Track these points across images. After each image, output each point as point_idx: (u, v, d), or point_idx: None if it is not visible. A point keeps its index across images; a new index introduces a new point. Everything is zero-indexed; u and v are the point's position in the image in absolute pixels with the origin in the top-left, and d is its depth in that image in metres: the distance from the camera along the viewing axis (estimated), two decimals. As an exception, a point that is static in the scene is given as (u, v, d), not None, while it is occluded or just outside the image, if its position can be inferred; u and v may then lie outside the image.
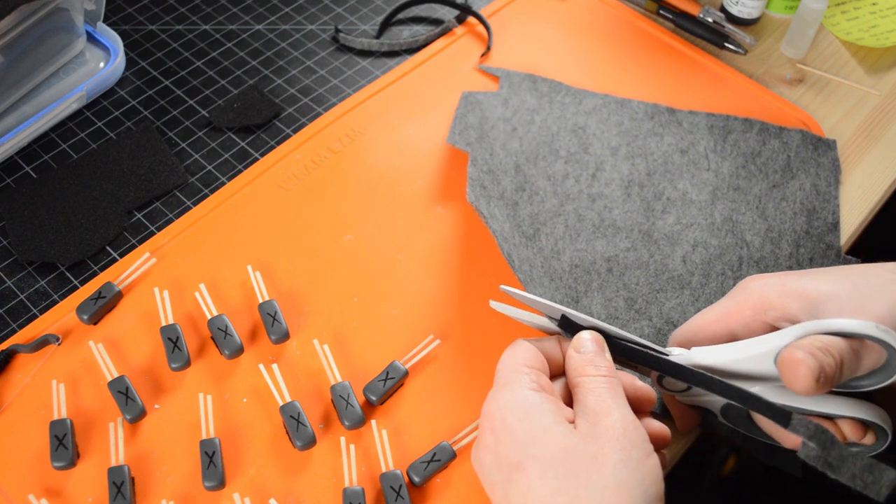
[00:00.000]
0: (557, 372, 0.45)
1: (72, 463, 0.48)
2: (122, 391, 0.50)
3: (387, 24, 0.75)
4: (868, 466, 0.40)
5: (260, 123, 0.67)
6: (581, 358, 0.43)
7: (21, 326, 0.55)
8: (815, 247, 0.59)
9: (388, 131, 0.66)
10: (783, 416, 0.41)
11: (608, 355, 0.44)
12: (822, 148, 0.65)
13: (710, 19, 0.73)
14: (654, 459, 0.40)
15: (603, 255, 0.58)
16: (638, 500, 0.38)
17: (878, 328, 0.40)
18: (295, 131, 0.66)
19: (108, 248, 0.59)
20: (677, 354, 0.46)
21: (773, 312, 0.44)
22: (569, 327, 0.45)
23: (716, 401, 0.47)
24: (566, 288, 0.56)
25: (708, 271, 0.58)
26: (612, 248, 0.59)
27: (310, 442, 0.49)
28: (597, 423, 0.40)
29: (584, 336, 0.44)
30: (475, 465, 0.43)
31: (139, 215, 0.61)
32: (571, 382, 0.43)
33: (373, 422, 0.51)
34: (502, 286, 0.45)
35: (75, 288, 0.57)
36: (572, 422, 0.41)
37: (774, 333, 0.43)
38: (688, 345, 0.47)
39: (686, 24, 0.74)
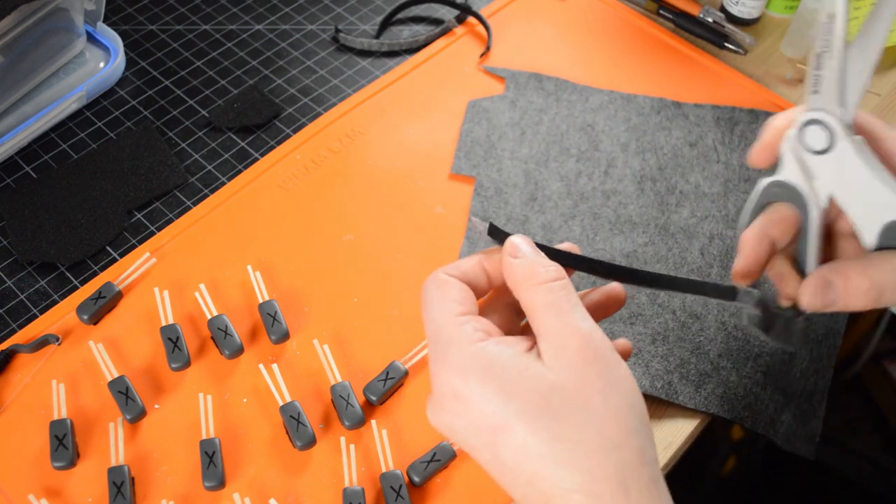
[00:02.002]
0: (482, 294, 0.41)
1: (72, 463, 0.48)
2: (122, 391, 0.50)
3: (387, 24, 0.75)
4: (786, 322, 0.45)
5: (260, 123, 0.67)
6: (524, 263, 0.39)
7: (21, 326, 0.55)
8: None
9: (388, 131, 0.66)
10: (730, 292, 0.43)
11: (545, 256, 0.40)
12: None
13: (710, 19, 0.73)
14: (625, 368, 0.38)
15: (621, 252, 0.58)
16: (632, 420, 0.36)
17: None
18: (295, 131, 0.66)
19: (108, 248, 0.59)
20: (847, 132, 0.42)
21: None
22: (497, 235, 0.40)
23: (791, 173, 0.44)
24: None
25: (727, 263, 0.58)
26: (629, 244, 0.59)
27: (310, 442, 0.49)
28: (566, 348, 0.37)
29: (516, 240, 0.40)
30: (442, 430, 0.40)
31: (139, 215, 0.61)
32: (518, 292, 0.39)
33: (373, 422, 0.51)
34: None
35: (75, 288, 0.57)
36: (531, 349, 0.38)
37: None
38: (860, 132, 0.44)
39: (686, 24, 0.74)
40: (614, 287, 0.43)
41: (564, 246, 0.42)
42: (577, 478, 0.36)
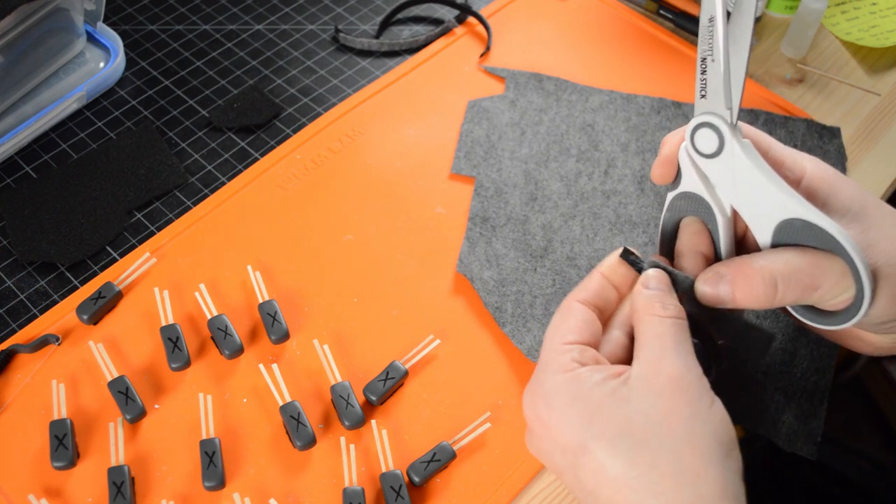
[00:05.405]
0: (614, 306, 0.44)
1: (72, 463, 0.48)
2: (122, 391, 0.50)
3: (387, 24, 0.75)
4: (746, 327, 0.44)
5: (260, 123, 0.67)
6: (650, 295, 0.41)
7: (21, 326, 0.55)
8: None
9: (388, 131, 0.66)
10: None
11: (675, 295, 0.42)
12: (826, 136, 0.65)
13: (710, 19, 0.73)
14: (719, 404, 0.38)
15: None
16: (714, 452, 0.37)
17: (842, 233, 0.40)
18: (295, 131, 0.66)
19: (108, 248, 0.59)
20: (735, 137, 0.43)
21: (802, 192, 0.43)
22: (628, 258, 0.44)
23: (693, 183, 0.45)
24: None
25: None
26: (629, 244, 0.59)
27: (310, 442, 0.49)
28: (657, 375, 0.38)
29: (651, 273, 0.43)
30: (533, 453, 0.42)
31: (139, 215, 0.61)
32: (635, 320, 0.41)
33: (373, 422, 0.51)
34: None
35: (75, 288, 0.57)
36: (620, 374, 0.39)
37: (796, 204, 0.41)
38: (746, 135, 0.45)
39: (686, 24, 0.74)
40: None
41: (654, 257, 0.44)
42: (651, 503, 0.36)
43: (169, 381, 0.52)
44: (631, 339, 0.43)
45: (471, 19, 0.75)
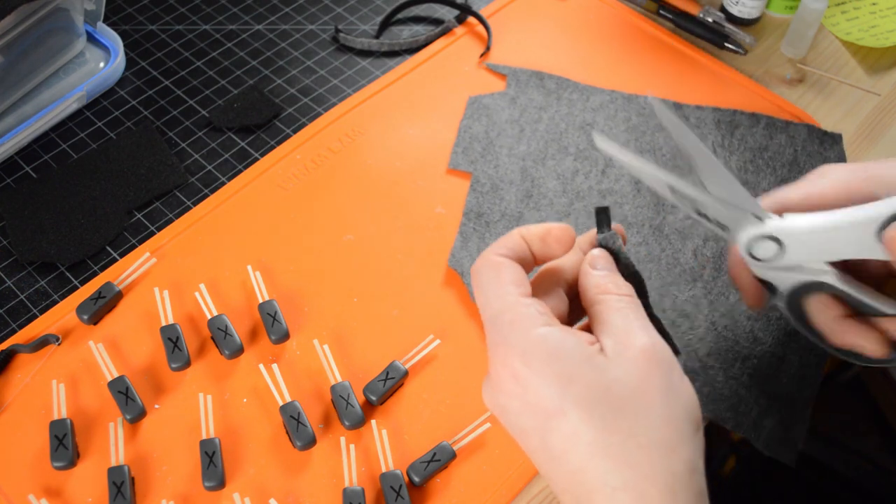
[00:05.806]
0: (528, 269, 0.42)
1: (72, 463, 0.48)
2: (122, 391, 0.50)
3: (387, 24, 0.75)
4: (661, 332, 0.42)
5: (260, 123, 0.67)
6: (599, 275, 0.41)
7: (21, 326, 0.55)
8: None
9: (388, 131, 0.66)
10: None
11: (620, 275, 0.42)
12: (828, 142, 0.65)
13: (710, 19, 0.73)
14: (686, 379, 0.38)
15: None
16: (687, 427, 0.36)
17: None
18: (295, 131, 0.66)
19: (108, 248, 0.59)
20: (774, 223, 0.44)
21: (858, 197, 0.44)
22: (601, 217, 0.43)
23: (787, 279, 0.46)
24: None
25: (719, 264, 0.58)
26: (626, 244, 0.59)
27: (310, 442, 0.49)
28: (628, 347, 0.37)
29: (596, 253, 0.42)
30: (495, 411, 0.40)
31: (139, 215, 0.61)
32: (591, 300, 0.40)
33: (373, 422, 0.51)
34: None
35: (75, 288, 0.57)
36: (593, 343, 0.38)
37: (877, 203, 0.42)
38: (779, 211, 0.45)
39: (686, 24, 0.74)
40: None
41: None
42: (625, 473, 0.35)
43: (169, 381, 0.52)
44: (558, 303, 0.42)
45: (471, 19, 0.75)
